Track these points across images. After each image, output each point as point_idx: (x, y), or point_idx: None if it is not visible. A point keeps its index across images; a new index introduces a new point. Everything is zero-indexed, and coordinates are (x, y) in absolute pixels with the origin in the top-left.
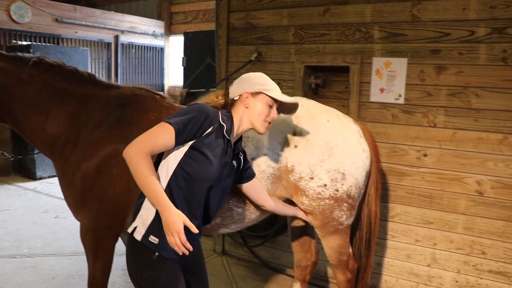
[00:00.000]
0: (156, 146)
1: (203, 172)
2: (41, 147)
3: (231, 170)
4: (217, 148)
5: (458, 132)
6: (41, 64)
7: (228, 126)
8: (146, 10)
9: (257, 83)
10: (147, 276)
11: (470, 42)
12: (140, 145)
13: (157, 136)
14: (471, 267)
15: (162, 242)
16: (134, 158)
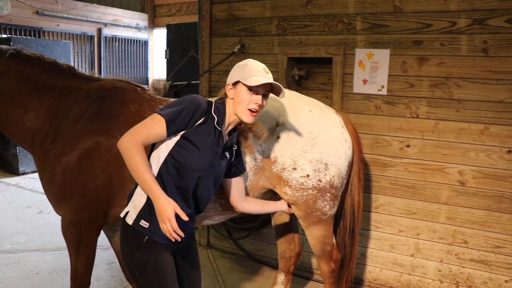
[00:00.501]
0: (149, 137)
1: (193, 161)
2: (20, 141)
3: (222, 161)
4: (208, 139)
5: (440, 122)
6: (18, 56)
7: (220, 118)
8: (130, 2)
9: (236, 73)
10: (137, 258)
11: (452, 33)
12: (134, 136)
13: (150, 128)
14: (454, 256)
15: (153, 227)
16: (128, 148)
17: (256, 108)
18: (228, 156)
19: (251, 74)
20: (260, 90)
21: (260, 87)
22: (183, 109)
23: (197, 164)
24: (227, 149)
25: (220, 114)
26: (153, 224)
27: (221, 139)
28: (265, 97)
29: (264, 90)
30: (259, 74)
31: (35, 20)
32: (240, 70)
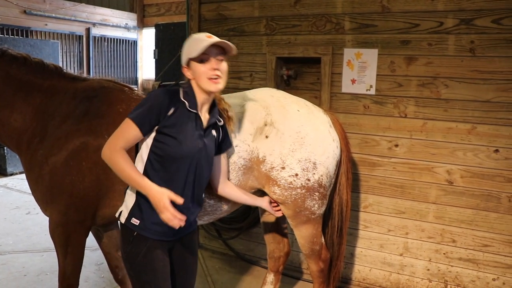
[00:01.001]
0: (128, 141)
1: (173, 151)
2: (6, 142)
3: (210, 141)
4: (184, 125)
5: (428, 122)
6: (4, 56)
7: (191, 101)
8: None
9: (183, 54)
10: (128, 250)
11: (439, 33)
12: (112, 144)
13: (125, 133)
14: (442, 255)
15: (143, 223)
16: (110, 157)
17: (215, 74)
18: (215, 134)
19: (195, 47)
20: (210, 57)
21: (210, 53)
22: (150, 106)
23: (178, 153)
24: (212, 127)
25: (189, 97)
26: (143, 220)
27: (199, 120)
28: (222, 60)
29: (216, 55)
30: (202, 42)
31: (22, 20)
32: (186, 49)
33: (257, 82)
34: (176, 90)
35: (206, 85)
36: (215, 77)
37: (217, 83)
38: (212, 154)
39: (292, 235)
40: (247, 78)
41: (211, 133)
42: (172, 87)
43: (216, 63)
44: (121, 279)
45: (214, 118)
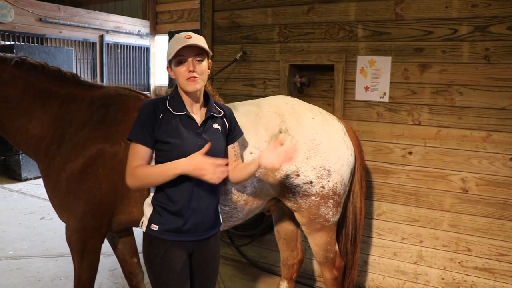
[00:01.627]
0: (141, 159)
1: (173, 156)
2: (24, 149)
3: (212, 135)
4: (176, 129)
5: (442, 130)
6: (23, 64)
7: (176, 104)
8: (131, 9)
9: (166, 55)
10: (147, 251)
11: (453, 40)
12: (130, 169)
13: (135, 155)
14: (457, 264)
15: (162, 227)
16: (134, 178)
17: (191, 75)
18: (219, 126)
19: (174, 48)
20: (188, 57)
21: (187, 54)
22: (141, 120)
23: (180, 156)
24: (211, 121)
25: (175, 101)
26: (162, 225)
27: (191, 120)
28: (200, 61)
29: (194, 56)
30: (181, 43)
31: (38, 27)
32: (167, 50)
33: (270, 90)
34: (164, 98)
35: (184, 85)
36: (192, 78)
37: (195, 82)
38: (219, 147)
39: (305, 242)
40: (260, 85)
41: (211, 127)
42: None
43: (193, 64)
44: (135, 285)
45: (210, 112)
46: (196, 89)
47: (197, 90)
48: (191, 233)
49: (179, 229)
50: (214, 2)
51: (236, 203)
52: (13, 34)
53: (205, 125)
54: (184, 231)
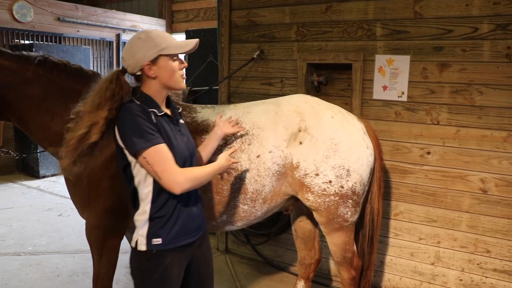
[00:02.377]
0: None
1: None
2: (46, 146)
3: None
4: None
5: (461, 129)
6: (46, 63)
7: (155, 106)
8: (147, 8)
9: (150, 48)
10: (144, 268)
11: (474, 39)
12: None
13: (167, 158)
14: (476, 266)
15: (166, 237)
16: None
17: (183, 72)
18: (183, 120)
19: (166, 43)
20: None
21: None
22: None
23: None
24: (179, 116)
25: (150, 103)
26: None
27: (169, 118)
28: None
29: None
30: (172, 39)
31: (56, 27)
32: (153, 44)
33: (288, 88)
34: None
35: (178, 82)
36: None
37: (184, 80)
38: (192, 140)
39: (322, 241)
40: (277, 84)
41: (181, 122)
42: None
43: (183, 60)
44: None
45: (175, 109)
46: (184, 87)
47: (184, 88)
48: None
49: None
50: (231, 1)
51: (255, 202)
52: (32, 33)
53: (178, 121)
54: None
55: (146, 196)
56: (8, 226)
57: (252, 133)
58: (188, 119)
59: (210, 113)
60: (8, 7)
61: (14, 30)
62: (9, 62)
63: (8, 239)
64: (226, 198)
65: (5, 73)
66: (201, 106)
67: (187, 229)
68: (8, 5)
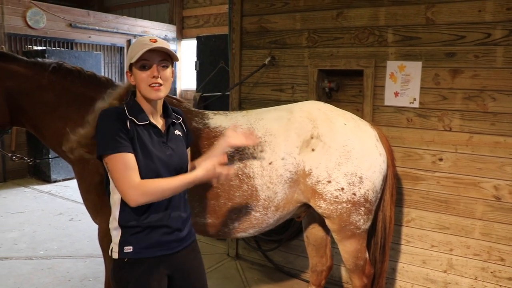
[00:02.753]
0: (136, 170)
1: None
2: (60, 152)
3: (176, 142)
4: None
5: (474, 136)
6: (60, 70)
7: (139, 114)
8: (158, 14)
9: (128, 57)
10: (118, 276)
11: (487, 44)
12: (135, 186)
13: (127, 167)
14: (489, 274)
15: (136, 247)
16: (146, 196)
17: (155, 81)
18: (180, 132)
19: (136, 51)
20: (153, 63)
21: (152, 60)
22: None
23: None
24: (173, 127)
25: (135, 111)
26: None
27: (155, 128)
28: (165, 67)
29: (159, 61)
30: (145, 47)
31: (68, 33)
32: (129, 53)
33: (299, 94)
34: (119, 107)
35: (146, 92)
36: (156, 85)
37: (158, 90)
38: (184, 153)
39: (333, 248)
40: (288, 90)
41: (174, 134)
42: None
43: (157, 69)
44: None
45: (170, 119)
46: (159, 97)
47: (160, 98)
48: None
49: (159, 241)
50: (243, 7)
51: (267, 209)
52: (45, 39)
53: (168, 132)
54: (163, 243)
55: (115, 202)
56: (21, 230)
57: (265, 139)
58: (200, 125)
59: (222, 119)
60: (22, 13)
61: (27, 36)
62: (25, 69)
63: (20, 243)
64: (238, 205)
65: (21, 80)
66: (213, 113)
67: (164, 240)
68: (22, 12)
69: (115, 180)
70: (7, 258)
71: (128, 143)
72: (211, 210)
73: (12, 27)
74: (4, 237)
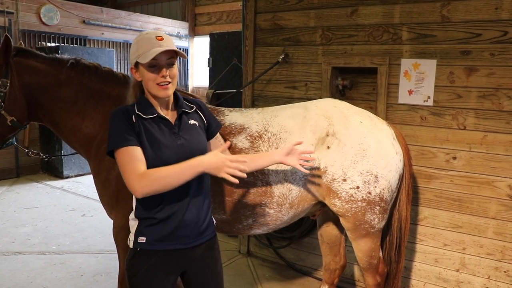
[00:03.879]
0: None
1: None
2: (76, 147)
3: (190, 132)
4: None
5: (488, 134)
6: (78, 66)
7: (147, 108)
8: (171, 11)
9: (132, 55)
10: (130, 264)
11: (503, 42)
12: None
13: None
14: (503, 274)
15: (149, 238)
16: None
17: (164, 80)
18: (196, 122)
19: (144, 49)
20: (161, 61)
21: (160, 58)
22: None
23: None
24: (187, 117)
25: (143, 106)
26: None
27: (164, 120)
28: (171, 66)
29: (166, 59)
30: (154, 45)
31: (81, 29)
32: (135, 49)
33: (312, 92)
34: (130, 105)
35: (154, 91)
36: (165, 83)
37: (166, 88)
38: (200, 142)
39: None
40: (302, 87)
41: (187, 123)
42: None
43: (166, 68)
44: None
45: (181, 109)
46: (167, 95)
47: (169, 96)
48: (184, 238)
49: (172, 235)
50: (256, 4)
51: (281, 206)
52: (58, 36)
53: (180, 122)
54: (176, 237)
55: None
56: (33, 225)
57: (280, 136)
58: None
59: (237, 116)
60: (36, 10)
61: (41, 32)
62: (43, 65)
63: (33, 238)
64: (252, 202)
65: (39, 75)
66: (229, 109)
67: (177, 235)
68: (36, 9)
69: (122, 173)
70: (20, 252)
71: (134, 137)
72: (225, 207)
73: (26, 24)
74: (17, 232)
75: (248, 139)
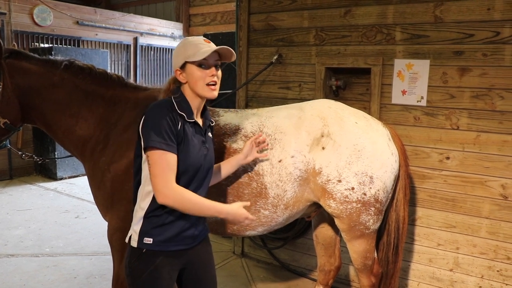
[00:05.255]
0: (174, 171)
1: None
2: (71, 149)
3: (210, 144)
4: (188, 137)
5: (481, 134)
6: (71, 68)
7: (186, 110)
8: (165, 12)
9: (178, 55)
10: (134, 266)
11: (495, 43)
12: (167, 184)
13: (168, 166)
14: (496, 273)
15: (155, 239)
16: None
17: (213, 80)
18: (211, 134)
19: (194, 50)
20: (210, 62)
21: (209, 59)
22: (162, 125)
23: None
24: (208, 129)
25: (185, 107)
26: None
27: (198, 127)
28: (218, 67)
29: (213, 61)
30: (203, 46)
31: (75, 30)
32: (183, 51)
33: (306, 92)
34: (169, 102)
35: (203, 90)
36: (213, 84)
37: (214, 89)
38: (213, 156)
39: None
40: (295, 88)
41: (208, 135)
42: (162, 100)
43: (214, 69)
44: None
45: (208, 120)
46: (214, 96)
47: (215, 96)
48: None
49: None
50: (250, 5)
51: (276, 207)
52: (52, 37)
53: (206, 133)
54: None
55: (148, 194)
56: (26, 228)
57: (275, 137)
58: None
59: (232, 117)
60: (29, 11)
61: (34, 33)
62: (36, 67)
63: (26, 240)
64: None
65: (32, 77)
66: (224, 110)
67: (182, 236)
68: (29, 9)
69: (153, 175)
70: (13, 255)
71: (174, 143)
72: None
73: (19, 25)
74: (10, 234)
75: (243, 140)
